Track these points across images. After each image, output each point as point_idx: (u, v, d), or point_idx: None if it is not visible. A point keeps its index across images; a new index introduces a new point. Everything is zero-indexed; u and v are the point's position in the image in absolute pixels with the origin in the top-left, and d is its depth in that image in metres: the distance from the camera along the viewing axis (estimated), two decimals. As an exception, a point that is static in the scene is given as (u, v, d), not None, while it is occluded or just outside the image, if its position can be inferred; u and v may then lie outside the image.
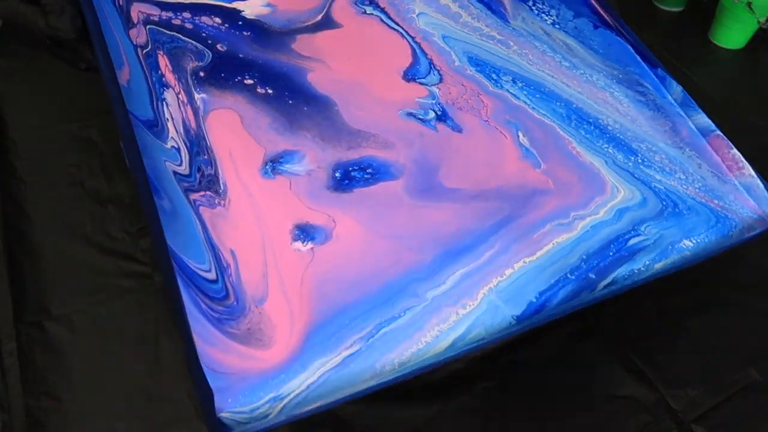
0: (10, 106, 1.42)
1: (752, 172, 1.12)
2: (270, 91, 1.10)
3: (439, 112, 1.12)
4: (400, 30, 1.23)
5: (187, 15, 1.17)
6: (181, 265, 0.91)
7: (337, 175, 1.02)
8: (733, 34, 1.77)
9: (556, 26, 1.30)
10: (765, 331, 1.18)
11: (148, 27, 1.14)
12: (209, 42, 1.14)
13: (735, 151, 1.14)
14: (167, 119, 1.04)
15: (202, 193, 0.98)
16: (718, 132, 1.16)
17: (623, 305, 1.13)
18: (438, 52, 1.21)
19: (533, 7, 1.32)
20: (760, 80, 1.75)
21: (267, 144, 1.03)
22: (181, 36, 1.14)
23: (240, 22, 1.18)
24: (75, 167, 1.33)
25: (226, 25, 1.17)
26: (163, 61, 1.10)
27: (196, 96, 1.07)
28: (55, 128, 1.39)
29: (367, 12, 1.24)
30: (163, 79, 1.08)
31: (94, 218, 1.24)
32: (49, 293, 1.13)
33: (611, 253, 0.99)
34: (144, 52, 1.11)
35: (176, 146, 1.02)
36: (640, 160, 1.12)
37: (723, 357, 1.13)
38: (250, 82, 1.10)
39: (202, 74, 1.10)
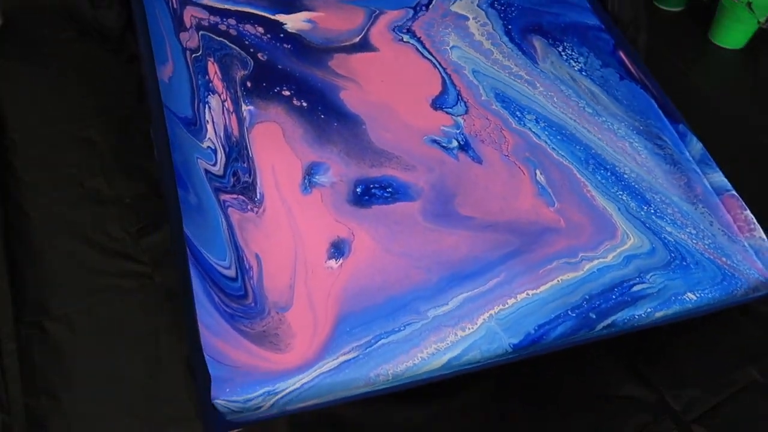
0: (10, 106, 1.42)
1: (763, 235, 1.12)
2: (305, 104, 1.13)
3: (462, 142, 1.15)
4: (433, 60, 1.26)
5: (232, 21, 1.22)
6: (198, 256, 0.91)
7: (358, 190, 1.05)
8: (733, 34, 1.77)
9: (583, 73, 1.32)
10: (765, 331, 1.18)
11: (200, 33, 1.18)
12: (251, 50, 1.18)
13: (748, 212, 1.14)
14: (207, 121, 1.07)
15: (235, 196, 1.00)
16: (733, 192, 1.16)
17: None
18: (467, 85, 1.24)
19: (563, 53, 1.35)
20: (760, 80, 1.75)
21: (301, 156, 1.06)
22: (227, 42, 1.18)
23: (281, 35, 1.23)
24: (75, 167, 1.33)
25: (268, 36, 1.22)
26: (213, 68, 1.14)
27: (244, 107, 1.10)
28: (55, 128, 1.40)
29: (404, 40, 1.28)
30: (210, 84, 1.12)
31: (94, 218, 1.25)
32: (49, 293, 1.13)
33: (614, 297, 1.00)
34: (194, 56, 1.15)
35: (212, 147, 1.04)
36: (652, 211, 1.13)
37: (723, 357, 1.13)
38: (287, 93, 1.14)
39: (249, 84, 1.13)
